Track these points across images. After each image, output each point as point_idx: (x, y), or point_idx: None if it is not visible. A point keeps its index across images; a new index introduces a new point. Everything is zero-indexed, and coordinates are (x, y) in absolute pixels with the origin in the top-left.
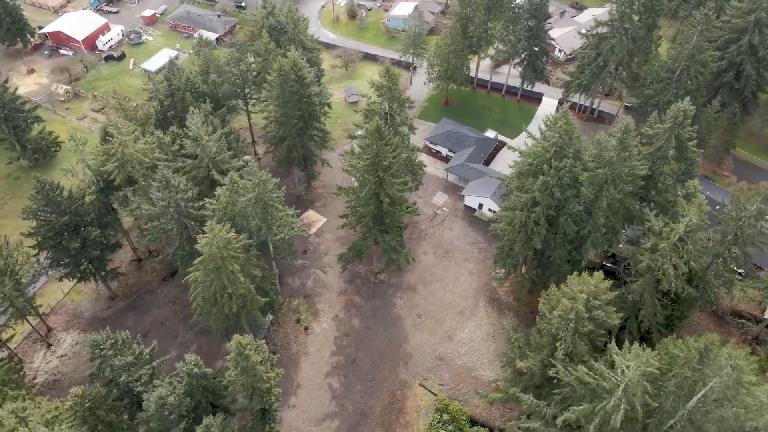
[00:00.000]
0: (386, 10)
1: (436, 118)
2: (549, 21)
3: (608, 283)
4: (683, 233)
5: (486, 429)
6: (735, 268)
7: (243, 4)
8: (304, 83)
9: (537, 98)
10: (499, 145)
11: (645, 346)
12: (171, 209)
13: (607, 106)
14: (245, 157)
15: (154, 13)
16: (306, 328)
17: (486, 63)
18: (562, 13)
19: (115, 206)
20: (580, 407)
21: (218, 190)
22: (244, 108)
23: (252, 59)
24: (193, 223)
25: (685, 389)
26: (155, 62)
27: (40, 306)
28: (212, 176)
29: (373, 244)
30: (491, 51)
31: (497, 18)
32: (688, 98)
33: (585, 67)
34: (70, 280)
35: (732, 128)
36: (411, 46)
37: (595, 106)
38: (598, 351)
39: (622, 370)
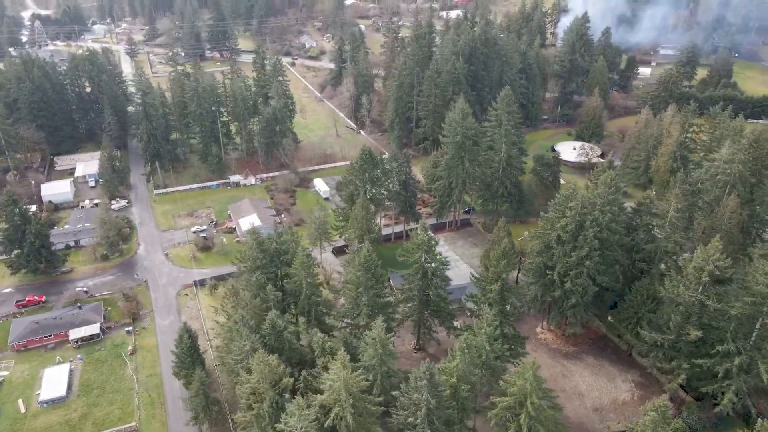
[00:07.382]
0: (228, 231)
1: None
2: None
3: (721, 246)
4: (673, 215)
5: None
6: None
7: (85, 288)
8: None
9: None
10: None
11: None
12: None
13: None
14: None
15: None
16: None
17: None
18: None
19: None
20: None
21: (447, 362)
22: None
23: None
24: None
25: None
26: (53, 387)
27: None
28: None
29: None
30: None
31: (377, 185)
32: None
33: (451, 191)
34: None
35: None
36: (319, 234)
37: (456, 218)
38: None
39: None
